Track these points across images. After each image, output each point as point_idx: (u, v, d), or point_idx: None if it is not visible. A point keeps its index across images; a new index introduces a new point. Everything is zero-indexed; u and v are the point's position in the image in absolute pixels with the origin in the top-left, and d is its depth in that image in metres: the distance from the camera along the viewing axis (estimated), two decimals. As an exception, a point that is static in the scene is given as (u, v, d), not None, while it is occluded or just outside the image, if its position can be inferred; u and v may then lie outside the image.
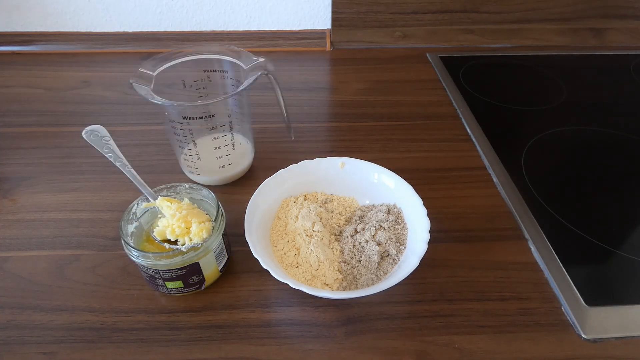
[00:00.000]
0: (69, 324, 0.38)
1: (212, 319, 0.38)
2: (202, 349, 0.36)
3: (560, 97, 0.70)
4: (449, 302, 0.40)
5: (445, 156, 0.57)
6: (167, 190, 0.41)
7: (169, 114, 0.45)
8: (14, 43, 0.78)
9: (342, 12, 0.79)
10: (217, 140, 0.47)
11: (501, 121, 0.65)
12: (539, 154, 0.58)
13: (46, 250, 0.44)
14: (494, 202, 0.51)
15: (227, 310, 0.39)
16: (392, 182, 0.46)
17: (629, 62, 0.80)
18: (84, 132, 0.39)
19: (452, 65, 0.77)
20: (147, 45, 0.79)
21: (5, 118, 0.62)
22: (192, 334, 0.37)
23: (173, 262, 0.36)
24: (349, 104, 0.67)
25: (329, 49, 0.81)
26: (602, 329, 0.38)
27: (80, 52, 0.79)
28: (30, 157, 0.56)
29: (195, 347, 0.36)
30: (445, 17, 0.81)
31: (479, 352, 0.37)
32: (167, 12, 0.79)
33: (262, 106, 0.60)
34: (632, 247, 0.46)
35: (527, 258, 0.44)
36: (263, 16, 0.81)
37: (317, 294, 0.36)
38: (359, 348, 0.37)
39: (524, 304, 0.40)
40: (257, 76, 0.44)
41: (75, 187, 0.51)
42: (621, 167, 0.57)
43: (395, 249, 0.41)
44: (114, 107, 0.65)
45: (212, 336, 0.37)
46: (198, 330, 0.38)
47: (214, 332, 0.37)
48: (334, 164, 0.48)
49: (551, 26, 0.83)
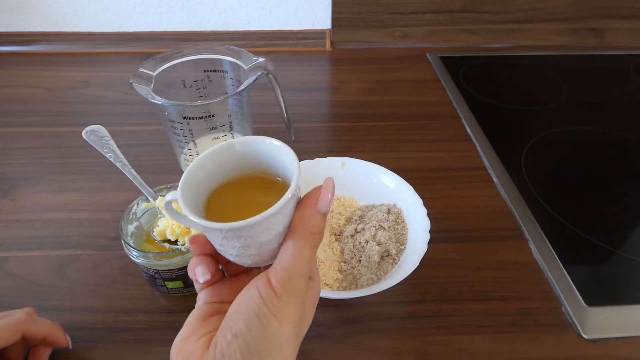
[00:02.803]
0: (69, 324, 0.38)
1: (212, 319, 0.38)
2: (202, 349, 0.36)
3: (560, 97, 0.70)
4: (449, 302, 0.40)
5: (445, 156, 0.57)
6: (167, 190, 0.41)
7: (168, 114, 0.45)
8: (14, 43, 0.78)
9: (342, 12, 0.79)
10: (217, 140, 0.47)
11: (501, 121, 0.64)
12: (539, 154, 0.58)
13: (46, 250, 0.44)
14: (494, 202, 0.51)
15: (227, 310, 0.39)
16: (392, 182, 0.46)
17: (629, 62, 0.79)
18: (84, 132, 0.39)
19: (452, 65, 0.77)
20: (147, 45, 0.79)
21: (5, 118, 0.62)
22: (192, 334, 0.37)
23: (173, 262, 0.36)
24: (349, 104, 0.67)
25: (329, 49, 0.81)
26: (602, 329, 0.38)
27: (80, 52, 0.79)
28: (30, 157, 0.56)
29: (195, 347, 0.36)
30: (446, 17, 0.81)
31: (479, 352, 0.37)
32: (167, 12, 0.79)
33: (262, 106, 0.60)
34: (632, 247, 0.46)
35: (527, 258, 0.44)
36: (263, 16, 0.81)
37: (317, 294, 0.36)
38: (359, 348, 0.37)
39: (524, 304, 0.40)
40: (257, 76, 0.44)
41: (75, 187, 0.51)
42: (621, 167, 0.57)
43: (396, 249, 0.41)
44: (114, 107, 0.65)
45: (212, 336, 0.37)
46: (198, 330, 0.38)
47: (214, 332, 0.37)
48: (334, 164, 0.48)
49: (551, 26, 0.83)
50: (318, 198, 0.23)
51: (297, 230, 0.23)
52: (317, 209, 0.23)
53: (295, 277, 0.22)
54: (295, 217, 0.24)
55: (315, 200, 0.23)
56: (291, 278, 0.22)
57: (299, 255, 0.23)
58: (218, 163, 0.25)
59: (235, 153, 0.26)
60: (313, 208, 0.23)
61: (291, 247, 0.23)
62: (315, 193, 0.24)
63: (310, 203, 0.23)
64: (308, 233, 0.23)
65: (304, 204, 0.24)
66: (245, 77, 0.45)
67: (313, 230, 0.23)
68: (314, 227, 0.23)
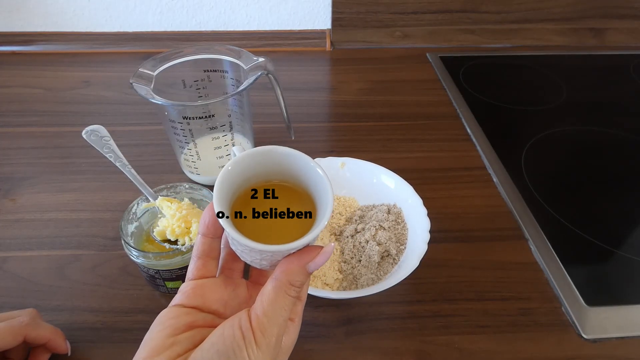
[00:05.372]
0: (69, 324, 0.38)
1: (212, 319, 0.38)
2: (202, 349, 0.36)
3: (560, 97, 0.70)
4: (449, 302, 0.40)
5: (445, 156, 0.57)
6: (167, 190, 0.41)
7: (169, 114, 0.45)
8: (14, 43, 0.78)
9: (342, 12, 0.79)
10: (217, 140, 0.47)
11: (501, 121, 0.65)
12: (539, 154, 0.58)
13: (46, 250, 0.44)
14: (494, 202, 0.51)
15: (227, 310, 0.39)
16: (392, 182, 0.46)
17: (629, 62, 0.79)
18: (84, 132, 0.39)
19: (452, 65, 0.77)
20: (147, 45, 0.79)
21: (5, 118, 0.62)
22: (192, 334, 0.37)
23: (173, 262, 0.36)
24: (349, 104, 0.67)
25: (329, 49, 0.81)
26: (602, 329, 0.38)
27: (80, 52, 0.79)
28: (30, 157, 0.56)
29: (195, 347, 0.36)
30: (445, 17, 0.81)
31: (479, 352, 0.37)
32: (167, 12, 0.79)
33: (262, 106, 0.60)
34: (632, 247, 0.46)
35: (527, 258, 0.44)
36: (263, 16, 0.81)
37: (317, 294, 0.36)
38: (359, 348, 0.37)
39: (524, 304, 0.40)
40: (257, 76, 0.44)
41: (75, 187, 0.51)
42: (621, 167, 0.57)
43: (396, 249, 0.41)
44: (114, 107, 0.65)
45: (212, 336, 0.37)
46: (198, 330, 0.38)
47: (214, 332, 0.37)
48: (334, 164, 0.48)
49: (551, 26, 0.83)
50: (313, 259, 0.24)
51: (279, 279, 0.23)
52: (307, 267, 0.23)
53: (272, 322, 0.22)
54: (282, 266, 0.24)
55: (309, 258, 0.23)
56: (270, 323, 0.22)
57: (277, 303, 0.23)
58: (253, 164, 0.25)
59: (272, 158, 0.26)
60: (302, 265, 0.23)
61: (271, 293, 0.23)
62: (312, 251, 0.24)
63: (302, 259, 0.23)
64: (288, 285, 0.23)
65: (296, 257, 0.24)
66: (245, 77, 0.45)
67: (294, 284, 0.23)
68: (296, 282, 0.23)
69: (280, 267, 0.24)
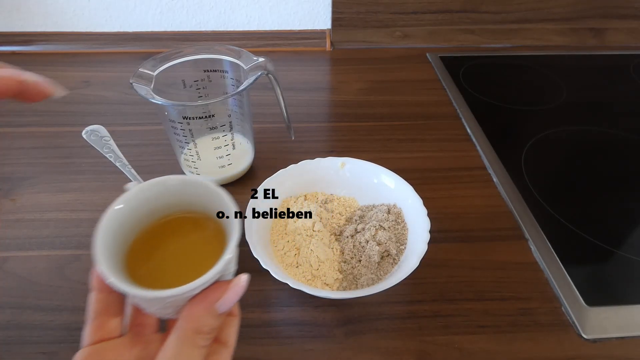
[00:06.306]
0: (69, 324, 0.38)
1: (212, 319, 0.38)
2: (202, 349, 0.36)
3: (560, 97, 0.70)
4: (449, 302, 0.40)
5: (445, 156, 0.57)
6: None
7: (168, 114, 0.45)
8: (14, 43, 0.78)
9: (342, 12, 0.79)
10: (217, 140, 0.47)
11: (501, 121, 0.65)
12: (539, 154, 0.58)
13: (46, 250, 0.44)
14: (494, 202, 0.51)
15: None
16: (392, 182, 0.46)
17: (629, 62, 0.79)
18: (84, 132, 0.39)
19: (452, 65, 0.77)
20: (147, 45, 0.79)
21: (5, 118, 0.62)
22: (192, 334, 0.37)
23: (173, 262, 0.36)
24: (349, 104, 0.67)
25: (329, 49, 0.81)
26: (602, 329, 0.38)
27: (80, 52, 0.79)
28: (30, 157, 0.56)
29: (195, 347, 0.36)
30: (445, 17, 0.81)
31: (479, 352, 0.37)
32: (167, 12, 0.79)
33: (262, 106, 0.60)
34: (632, 247, 0.46)
35: (527, 258, 0.44)
36: (263, 16, 0.81)
37: (317, 294, 0.36)
38: (359, 348, 0.37)
39: (524, 304, 0.40)
40: (257, 76, 0.44)
41: (75, 187, 0.51)
42: (621, 167, 0.57)
43: (396, 249, 0.41)
44: (114, 107, 0.65)
45: (212, 336, 0.37)
46: (198, 330, 0.38)
47: (214, 332, 0.37)
48: (334, 164, 0.48)
49: (551, 26, 0.83)
50: (222, 296, 0.20)
51: (182, 328, 0.20)
52: (216, 307, 0.20)
53: None
54: (184, 311, 0.20)
55: (216, 297, 0.20)
56: None
57: (182, 359, 0.19)
58: (146, 200, 0.23)
59: (168, 190, 0.23)
60: (208, 307, 0.20)
61: (173, 347, 0.19)
62: (219, 288, 0.20)
63: (208, 299, 0.20)
64: (195, 333, 0.20)
65: (200, 298, 0.20)
66: (245, 77, 0.45)
67: (201, 330, 0.20)
68: (203, 327, 0.20)
69: (182, 314, 0.20)
